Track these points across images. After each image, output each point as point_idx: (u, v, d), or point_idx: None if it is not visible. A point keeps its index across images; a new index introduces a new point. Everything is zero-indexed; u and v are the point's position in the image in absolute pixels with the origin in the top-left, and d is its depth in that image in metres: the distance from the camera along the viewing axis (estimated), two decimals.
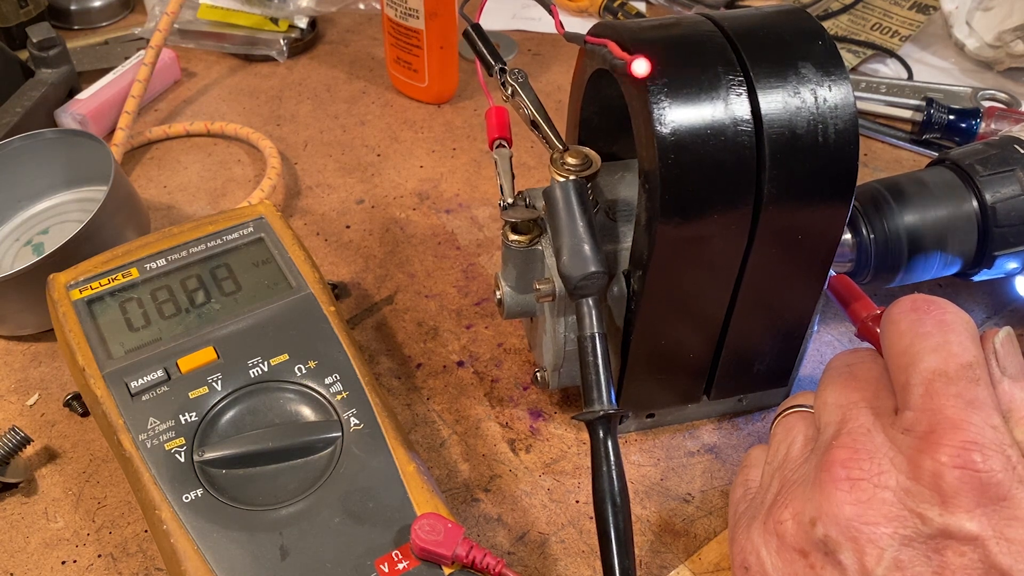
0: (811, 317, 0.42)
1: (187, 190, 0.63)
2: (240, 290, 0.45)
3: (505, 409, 0.48)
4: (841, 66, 0.36)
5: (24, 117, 0.63)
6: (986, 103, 0.68)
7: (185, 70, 0.75)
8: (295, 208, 0.61)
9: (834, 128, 0.36)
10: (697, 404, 0.46)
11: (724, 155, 0.35)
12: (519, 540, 0.42)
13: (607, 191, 0.44)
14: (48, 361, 0.51)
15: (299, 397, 0.41)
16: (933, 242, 0.46)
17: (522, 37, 0.79)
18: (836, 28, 0.78)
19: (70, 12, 0.79)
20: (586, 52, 0.42)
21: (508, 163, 0.43)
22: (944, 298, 0.34)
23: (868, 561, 0.31)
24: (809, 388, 0.40)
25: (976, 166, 0.46)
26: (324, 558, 0.36)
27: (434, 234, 0.59)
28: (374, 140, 0.67)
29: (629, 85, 0.36)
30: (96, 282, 0.44)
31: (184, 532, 0.36)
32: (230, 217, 0.48)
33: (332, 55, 0.77)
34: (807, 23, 0.37)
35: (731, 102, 0.35)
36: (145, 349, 0.42)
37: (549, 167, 0.42)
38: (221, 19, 0.76)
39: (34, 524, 0.43)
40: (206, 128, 0.67)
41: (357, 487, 0.38)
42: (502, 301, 0.44)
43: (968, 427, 0.30)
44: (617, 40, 0.36)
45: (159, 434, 0.39)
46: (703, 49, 0.36)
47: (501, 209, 0.42)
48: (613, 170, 0.45)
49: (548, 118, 0.43)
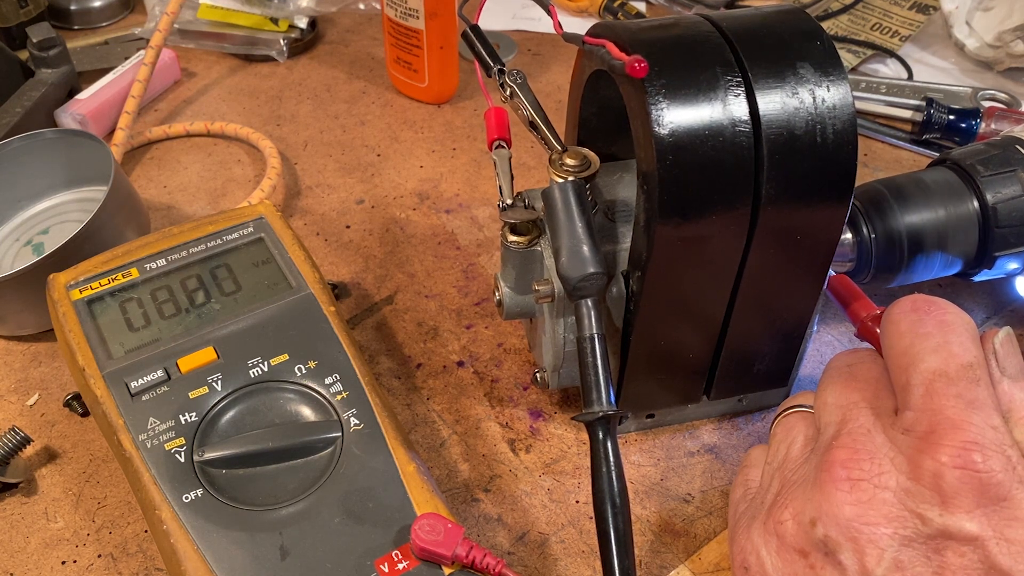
0: (811, 317, 0.42)
1: (187, 190, 0.63)
2: (240, 290, 0.45)
3: (505, 409, 0.48)
4: (839, 66, 0.36)
5: (24, 117, 0.63)
6: (986, 103, 0.68)
7: (185, 70, 0.75)
8: (295, 208, 0.61)
9: (832, 128, 0.36)
10: (697, 404, 0.46)
11: (722, 156, 0.35)
12: (519, 540, 0.42)
13: (606, 192, 0.44)
14: (48, 361, 0.51)
15: (299, 397, 0.41)
16: (934, 242, 0.46)
17: (522, 37, 0.79)
18: (836, 28, 0.78)
19: (70, 12, 0.79)
20: (585, 53, 0.42)
21: (507, 164, 0.43)
22: (944, 298, 0.34)
23: (868, 561, 0.31)
24: (809, 388, 0.40)
25: (977, 166, 0.46)
26: (324, 558, 0.36)
27: (434, 234, 0.59)
28: (374, 140, 0.67)
29: (627, 86, 0.36)
30: (96, 282, 0.44)
31: (184, 532, 0.36)
32: (230, 217, 0.48)
33: (332, 55, 0.77)
34: (805, 23, 0.37)
35: (729, 103, 0.35)
36: (145, 349, 0.42)
37: (548, 168, 0.42)
38: (221, 19, 0.76)
39: (34, 524, 0.43)
40: (206, 128, 0.67)
41: (357, 487, 0.38)
42: (501, 302, 0.44)
43: (968, 427, 0.30)
44: (615, 40, 0.36)
45: (159, 434, 0.39)
46: (701, 50, 0.36)
47: (500, 210, 0.42)
48: (612, 171, 0.45)
49: (547, 119, 0.43)
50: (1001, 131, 0.62)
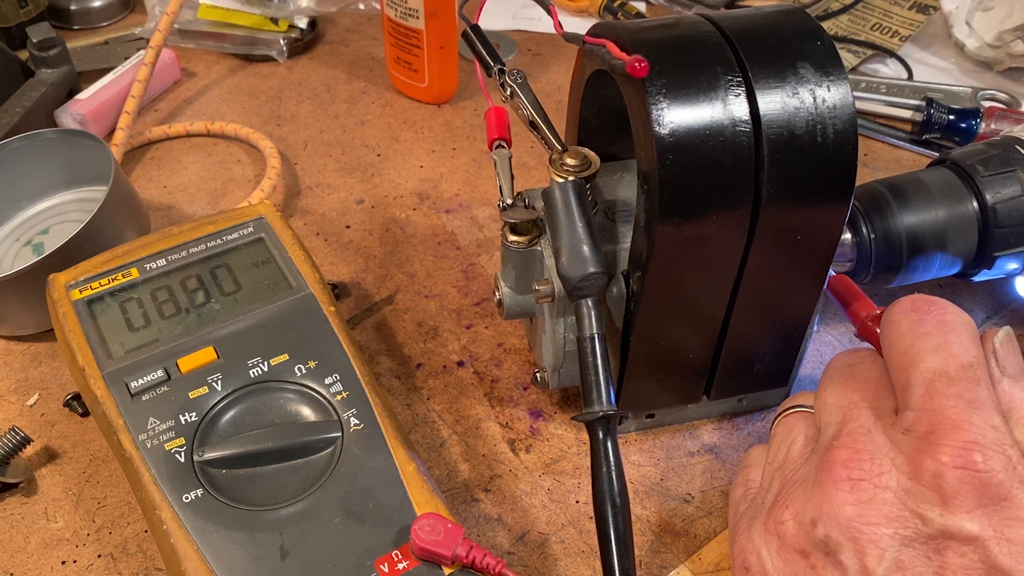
0: (811, 317, 0.42)
1: (187, 190, 0.63)
2: (240, 290, 0.45)
3: (505, 409, 0.48)
4: (840, 66, 0.36)
5: (24, 117, 0.63)
6: (986, 103, 0.68)
7: (185, 70, 0.75)
8: (295, 208, 0.61)
9: (833, 128, 0.36)
10: (697, 404, 0.46)
11: (723, 155, 0.35)
12: (519, 540, 0.42)
13: (606, 191, 0.44)
14: (48, 361, 0.51)
15: (299, 397, 0.41)
16: (933, 242, 0.46)
17: (522, 37, 0.79)
18: (836, 28, 0.78)
19: (70, 12, 0.79)
20: (585, 52, 0.42)
21: (507, 164, 0.43)
22: (944, 298, 0.34)
23: (869, 562, 0.31)
24: (809, 388, 0.40)
25: (977, 166, 0.46)
26: (324, 558, 0.36)
27: (434, 234, 0.59)
28: (374, 140, 0.67)
29: (628, 85, 0.36)
30: (96, 282, 0.44)
31: (184, 532, 0.36)
32: (230, 217, 0.48)
33: (332, 55, 0.77)
34: (806, 23, 0.37)
35: (730, 102, 0.35)
36: (145, 349, 0.42)
37: (548, 168, 0.42)
38: (221, 19, 0.76)
39: (34, 524, 0.43)
40: (206, 128, 0.67)
41: (357, 487, 0.38)
42: (502, 302, 0.44)
43: (969, 427, 0.30)
44: (616, 40, 0.36)
45: (159, 434, 0.39)
46: (702, 49, 0.36)
47: (500, 210, 0.42)
48: (612, 170, 0.45)
49: (547, 119, 0.43)
50: (1001, 131, 0.62)
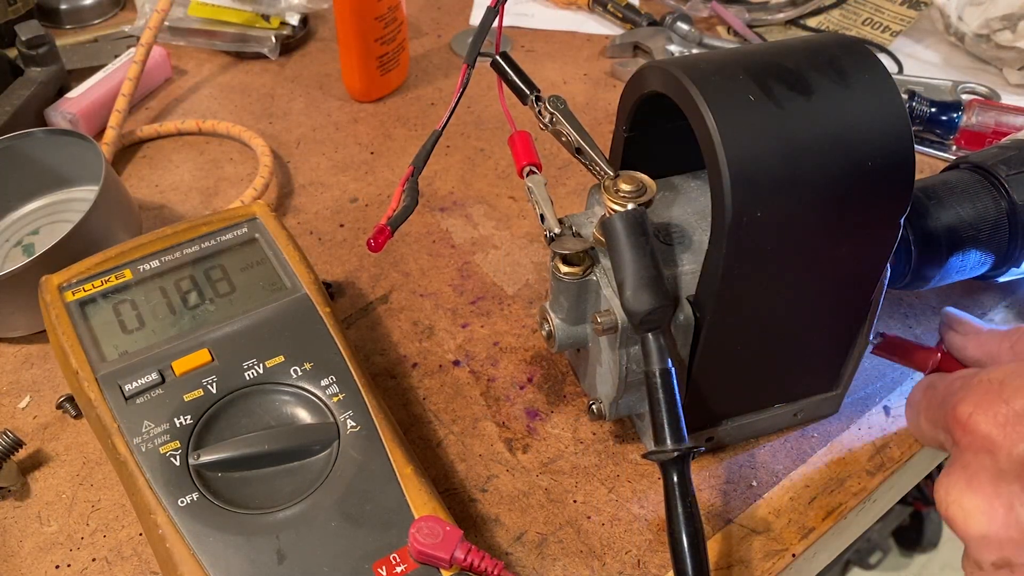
0: (866, 325, 0.42)
1: (179, 189, 0.63)
2: (234, 291, 0.44)
3: (502, 408, 0.48)
4: (895, 90, 0.36)
5: (13, 116, 0.62)
6: (966, 96, 0.68)
7: (176, 68, 0.75)
8: (288, 207, 0.61)
9: (890, 148, 0.36)
10: (755, 419, 0.45)
11: (798, 180, 0.35)
12: (517, 540, 0.42)
13: (656, 213, 0.42)
14: (40, 363, 0.50)
15: (295, 399, 0.41)
16: (971, 240, 0.46)
17: (515, 33, 0.79)
18: (828, 23, 0.78)
19: (59, 10, 0.78)
20: (636, 78, 0.40)
21: (544, 190, 0.41)
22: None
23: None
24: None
25: (1000, 166, 0.47)
26: (321, 562, 0.36)
27: (428, 232, 0.59)
28: (367, 138, 0.67)
29: (701, 127, 0.35)
30: (89, 284, 0.44)
31: (179, 536, 0.36)
32: (224, 217, 0.47)
33: (324, 52, 0.77)
34: (860, 49, 0.38)
35: (797, 128, 0.35)
36: (139, 351, 0.42)
37: (602, 194, 0.39)
38: (212, 16, 0.75)
39: (27, 528, 0.43)
40: (198, 126, 0.67)
41: (354, 490, 0.38)
42: (552, 334, 0.42)
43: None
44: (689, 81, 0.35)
45: (154, 437, 0.39)
46: (767, 76, 0.36)
47: (547, 240, 0.40)
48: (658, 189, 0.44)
49: (594, 143, 0.41)
50: (984, 123, 0.63)
